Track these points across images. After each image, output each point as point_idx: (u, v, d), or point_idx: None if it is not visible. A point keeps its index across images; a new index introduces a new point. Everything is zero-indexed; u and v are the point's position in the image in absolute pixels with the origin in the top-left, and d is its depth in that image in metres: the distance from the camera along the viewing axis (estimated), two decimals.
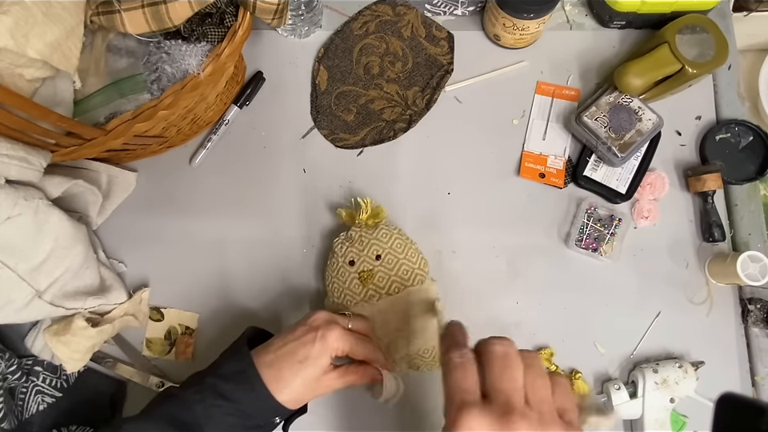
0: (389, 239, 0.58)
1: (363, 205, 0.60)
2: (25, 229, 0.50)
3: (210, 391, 0.47)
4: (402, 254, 0.58)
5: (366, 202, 0.60)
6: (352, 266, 0.58)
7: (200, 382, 0.48)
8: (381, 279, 0.57)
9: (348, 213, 0.62)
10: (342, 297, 0.58)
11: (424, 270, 0.59)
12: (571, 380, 0.61)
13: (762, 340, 0.63)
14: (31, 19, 0.43)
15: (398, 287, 0.57)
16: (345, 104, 0.70)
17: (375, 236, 0.58)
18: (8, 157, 0.46)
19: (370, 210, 0.60)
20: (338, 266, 0.58)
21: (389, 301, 0.56)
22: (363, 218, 0.60)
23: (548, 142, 0.68)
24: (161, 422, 0.46)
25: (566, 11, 0.73)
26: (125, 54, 0.56)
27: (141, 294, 0.63)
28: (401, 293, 0.57)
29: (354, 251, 0.58)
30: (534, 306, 0.64)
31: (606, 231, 0.64)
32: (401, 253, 0.58)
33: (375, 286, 0.57)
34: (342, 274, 0.58)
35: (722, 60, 0.61)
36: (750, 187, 0.67)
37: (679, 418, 0.60)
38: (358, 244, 0.58)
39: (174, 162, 0.68)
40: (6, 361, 0.54)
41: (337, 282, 0.58)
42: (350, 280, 0.57)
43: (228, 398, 0.46)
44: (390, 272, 0.57)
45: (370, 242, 0.58)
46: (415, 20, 0.72)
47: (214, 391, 0.46)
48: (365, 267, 0.57)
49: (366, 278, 0.56)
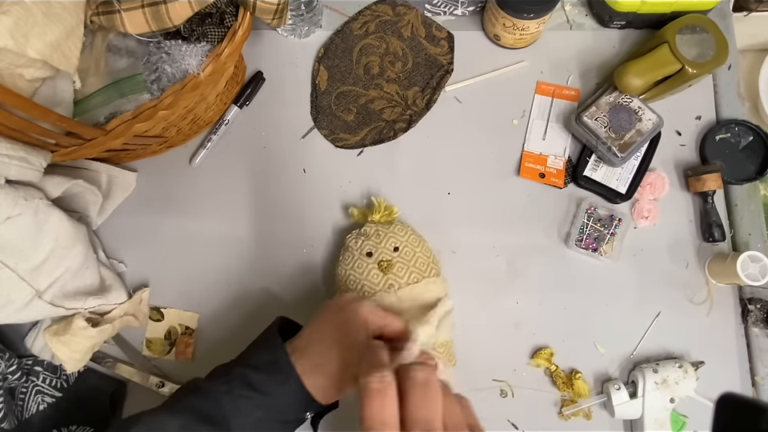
0: (404, 234, 0.60)
1: (377, 204, 0.62)
2: (25, 229, 0.50)
3: (238, 381, 0.43)
4: (418, 247, 0.59)
5: (380, 201, 0.62)
6: (370, 257, 0.58)
7: (228, 372, 0.45)
8: (400, 269, 0.57)
9: (360, 211, 0.63)
10: (360, 288, 0.58)
11: (437, 266, 0.60)
12: (571, 380, 0.61)
13: (761, 340, 0.63)
14: (31, 19, 0.43)
15: (417, 278, 0.57)
16: (345, 104, 0.70)
17: (392, 230, 0.60)
18: (8, 157, 0.46)
19: (383, 209, 0.62)
20: (354, 259, 0.59)
21: (408, 290, 0.57)
22: (377, 216, 0.61)
23: (548, 141, 0.68)
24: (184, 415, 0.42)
25: (565, 11, 0.73)
26: (125, 54, 0.56)
27: (141, 294, 0.63)
28: (420, 282, 0.57)
29: (370, 243, 0.59)
30: (534, 306, 0.64)
31: (605, 231, 0.64)
32: (416, 246, 0.59)
33: (395, 276, 0.57)
34: (360, 265, 0.58)
35: (722, 60, 0.61)
36: (749, 187, 0.67)
37: (679, 418, 0.60)
38: (374, 237, 0.59)
39: (174, 162, 0.68)
40: (6, 361, 0.54)
41: (353, 273, 0.58)
42: (369, 270, 0.58)
43: (258, 390, 0.43)
44: (409, 263, 0.58)
45: (387, 235, 0.59)
46: (415, 20, 0.72)
47: (243, 381, 0.43)
48: (384, 257, 0.58)
49: (386, 267, 0.57)
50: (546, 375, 0.62)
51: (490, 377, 0.62)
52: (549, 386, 0.62)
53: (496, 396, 0.61)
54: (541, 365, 0.62)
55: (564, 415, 0.61)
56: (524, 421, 0.61)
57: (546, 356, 0.62)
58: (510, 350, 0.62)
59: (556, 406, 0.61)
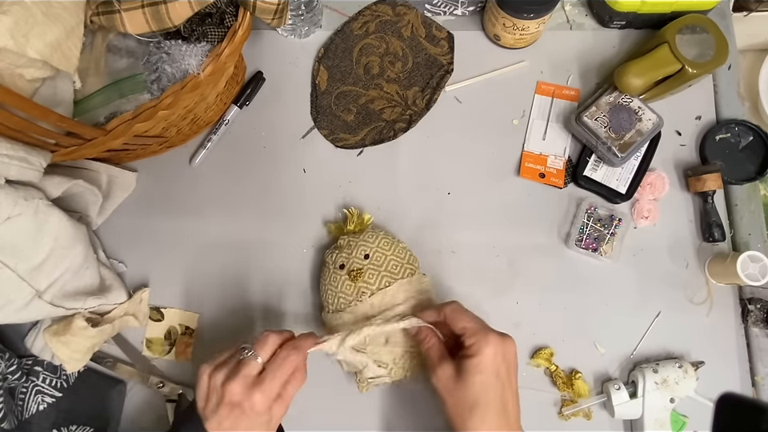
0: (375, 239, 0.59)
1: (349, 215, 0.63)
2: (25, 229, 0.50)
3: None
4: (390, 251, 0.59)
5: (352, 212, 0.63)
6: (342, 269, 0.58)
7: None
8: (371, 276, 0.57)
9: (336, 226, 0.64)
10: (336, 302, 0.58)
11: (413, 265, 0.60)
12: (571, 380, 0.61)
13: (761, 340, 0.63)
14: (31, 19, 0.43)
15: (389, 281, 0.57)
16: (345, 104, 0.70)
17: (363, 238, 0.60)
18: (8, 157, 0.46)
19: (356, 219, 0.63)
20: (330, 273, 0.59)
21: (380, 295, 0.57)
22: (351, 226, 0.62)
23: (548, 141, 0.68)
24: None
25: (566, 11, 0.73)
26: (125, 54, 0.56)
27: (141, 294, 0.63)
28: (391, 286, 0.57)
29: (343, 256, 0.59)
30: (534, 306, 0.64)
31: (606, 231, 0.64)
32: (388, 250, 0.59)
33: (365, 283, 0.57)
34: (334, 279, 0.58)
35: (721, 60, 0.61)
36: (749, 187, 0.67)
37: (679, 418, 0.60)
38: (346, 249, 0.59)
39: (174, 162, 0.68)
40: (6, 361, 0.54)
41: (330, 288, 0.59)
42: (342, 282, 0.58)
43: None
44: (380, 268, 0.58)
45: (357, 245, 0.59)
46: (415, 20, 0.72)
47: None
48: (354, 266, 0.58)
49: (355, 276, 0.57)
50: (546, 375, 0.62)
51: None
52: (549, 386, 0.62)
53: None
54: (541, 365, 0.62)
55: (564, 415, 0.61)
56: (524, 421, 0.61)
57: (545, 356, 0.62)
58: None
59: (556, 405, 0.61)
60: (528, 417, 0.61)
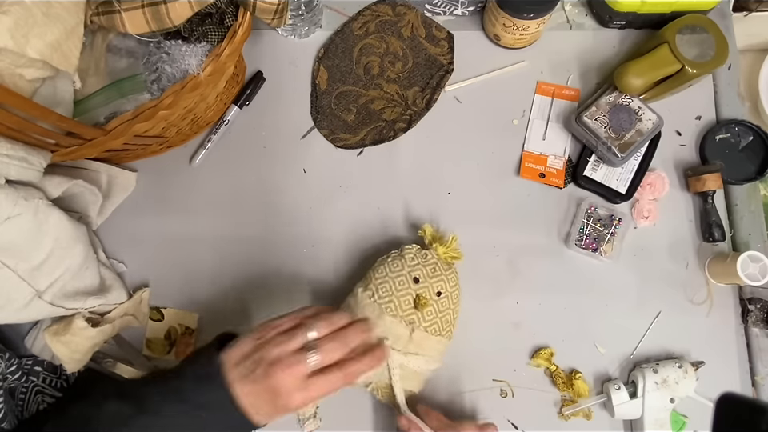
0: (453, 285, 0.58)
1: (450, 239, 0.60)
2: (25, 229, 0.50)
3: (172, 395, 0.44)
4: (454, 304, 0.58)
5: (455, 237, 0.60)
6: (416, 283, 0.56)
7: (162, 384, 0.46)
8: (429, 314, 0.55)
9: (433, 234, 0.61)
10: (386, 300, 0.55)
11: (453, 329, 0.58)
12: (571, 380, 0.61)
13: (762, 340, 0.63)
14: (31, 19, 0.43)
15: (437, 330, 0.56)
16: (345, 104, 0.70)
17: (446, 274, 0.58)
18: (8, 157, 0.46)
19: (453, 248, 0.60)
20: (400, 273, 0.56)
21: (423, 336, 0.55)
22: (442, 249, 0.59)
23: (548, 142, 0.68)
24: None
25: (566, 11, 0.73)
26: (125, 54, 0.56)
27: (141, 294, 0.63)
28: (434, 336, 0.56)
29: (423, 272, 0.57)
30: (534, 306, 0.64)
31: (606, 231, 0.64)
32: (454, 302, 0.58)
33: (422, 317, 0.55)
34: (401, 283, 0.56)
35: (722, 60, 0.61)
36: (749, 187, 0.67)
37: (679, 417, 0.60)
38: (430, 269, 0.57)
39: (174, 162, 0.68)
40: (6, 361, 0.54)
41: (391, 284, 0.56)
42: (405, 293, 0.55)
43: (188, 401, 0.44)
44: (440, 313, 0.56)
45: (440, 275, 0.57)
46: (415, 20, 0.72)
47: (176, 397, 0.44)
48: (425, 294, 0.56)
49: (421, 303, 0.55)
50: (545, 375, 0.62)
51: (490, 377, 0.62)
52: (549, 386, 0.62)
53: (496, 396, 0.61)
54: (541, 365, 0.62)
55: (564, 415, 0.61)
56: (524, 421, 0.61)
57: (545, 356, 0.62)
58: (510, 350, 0.62)
59: (556, 405, 0.61)
60: (528, 417, 0.61)
